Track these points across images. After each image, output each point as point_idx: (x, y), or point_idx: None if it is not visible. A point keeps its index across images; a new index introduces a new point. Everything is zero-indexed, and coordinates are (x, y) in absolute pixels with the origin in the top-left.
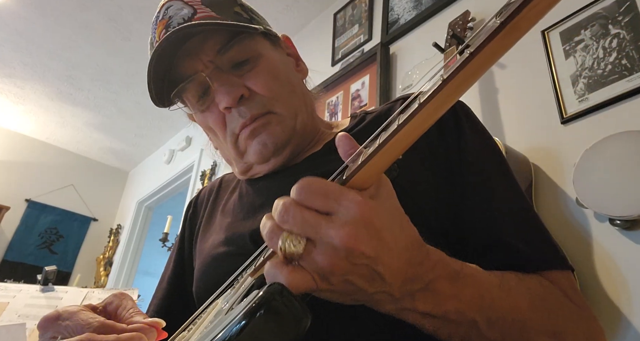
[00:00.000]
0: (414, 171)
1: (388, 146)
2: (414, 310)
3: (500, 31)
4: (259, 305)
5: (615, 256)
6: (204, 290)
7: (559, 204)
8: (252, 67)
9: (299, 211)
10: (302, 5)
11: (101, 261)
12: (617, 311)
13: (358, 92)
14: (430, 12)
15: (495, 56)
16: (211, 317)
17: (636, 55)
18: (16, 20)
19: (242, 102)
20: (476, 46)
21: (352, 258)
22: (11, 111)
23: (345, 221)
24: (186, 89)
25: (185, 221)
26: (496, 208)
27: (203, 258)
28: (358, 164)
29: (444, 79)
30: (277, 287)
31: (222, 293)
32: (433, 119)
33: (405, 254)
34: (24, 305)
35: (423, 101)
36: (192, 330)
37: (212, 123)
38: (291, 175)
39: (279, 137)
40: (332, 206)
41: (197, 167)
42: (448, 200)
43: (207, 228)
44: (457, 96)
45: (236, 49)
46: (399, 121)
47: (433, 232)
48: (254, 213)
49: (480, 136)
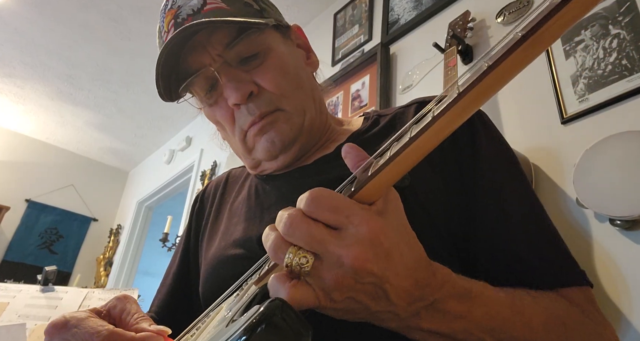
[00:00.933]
0: (426, 179)
1: (399, 158)
2: (418, 328)
3: (522, 44)
4: (259, 321)
5: (615, 257)
6: (210, 292)
7: (559, 205)
8: (261, 62)
9: (307, 226)
10: (302, 5)
11: (101, 261)
12: (617, 311)
13: (358, 92)
14: (430, 12)
15: (515, 70)
16: (215, 323)
17: (636, 55)
18: (16, 20)
19: (251, 99)
20: (495, 59)
21: (359, 277)
22: (11, 111)
23: (356, 239)
24: (194, 83)
25: (191, 216)
26: (510, 221)
27: (210, 260)
28: (368, 175)
29: (460, 93)
30: (278, 303)
31: (227, 297)
32: (446, 132)
33: (413, 275)
34: (24, 305)
35: (437, 114)
36: (196, 334)
37: (221, 118)
38: (301, 177)
39: (286, 135)
40: (341, 222)
41: (197, 168)
42: (459, 209)
43: (215, 226)
44: (472, 110)
45: (245, 43)
46: (412, 133)
47: (444, 241)
48: (261, 215)
49: (496, 143)
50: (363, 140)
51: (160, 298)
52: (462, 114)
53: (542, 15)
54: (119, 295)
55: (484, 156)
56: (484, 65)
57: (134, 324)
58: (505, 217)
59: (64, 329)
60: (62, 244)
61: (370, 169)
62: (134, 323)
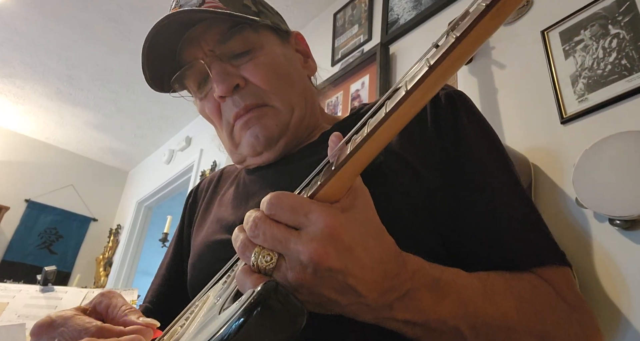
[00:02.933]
0: (405, 158)
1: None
2: (392, 318)
3: (487, 14)
4: (256, 303)
5: (615, 256)
6: (198, 279)
7: (558, 204)
8: (251, 59)
9: (269, 227)
10: (302, 5)
11: (101, 261)
12: (617, 311)
13: (358, 92)
14: (430, 12)
15: (481, 39)
16: (204, 311)
17: (636, 55)
18: (16, 20)
19: (237, 91)
20: (462, 30)
21: (320, 272)
22: (11, 111)
23: (313, 236)
24: (186, 76)
25: (185, 209)
26: (492, 203)
27: (197, 246)
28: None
29: (430, 66)
30: (273, 284)
31: (214, 284)
32: (419, 106)
33: (380, 267)
34: (23, 305)
35: (410, 87)
36: (185, 325)
37: (209, 111)
38: (286, 164)
39: (271, 131)
40: (300, 221)
41: (197, 168)
42: (440, 189)
43: (204, 217)
44: (442, 83)
45: (237, 39)
46: (386, 108)
47: (422, 217)
48: (246, 201)
49: (479, 126)
50: (345, 125)
51: (155, 289)
52: (432, 86)
53: None
54: (104, 291)
55: (467, 139)
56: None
57: (122, 316)
58: (490, 200)
59: (50, 328)
60: (61, 244)
61: (350, 146)
62: (122, 315)
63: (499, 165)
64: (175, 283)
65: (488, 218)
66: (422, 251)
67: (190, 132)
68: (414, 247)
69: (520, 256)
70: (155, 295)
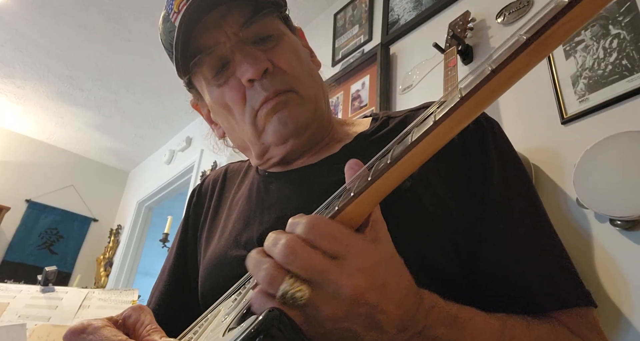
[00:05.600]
0: (431, 184)
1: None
2: None
3: (526, 48)
4: (257, 331)
5: (615, 257)
6: (210, 294)
7: (559, 205)
8: (276, 44)
9: (307, 254)
10: (302, 6)
11: (101, 261)
12: (617, 311)
13: (358, 92)
14: (430, 12)
15: (519, 74)
16: (212, 327)
17: (636, 55)
18: (16, 20)
19: (266, 75)
20: (499, 62)
21: (356, 307)
22: (11, 111)
23: (356, 269)
24: (204, 61)
25: (188, 210)
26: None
27: (209, 259)
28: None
29: (462, 97)
30: (276, 313)
31: (225, 299)
32: (447, 138)
33: (405, 302)
34: (24, 306)
35: (439, 118)
36: (193, 339)
37: (230, 98)
38: (304, 177)
39: (299, 118)
40: (340, 251)
41: (197, 168)
42: (464, 220)
43: (214, 222)
44: (474, 115)
45: (261, 24)
46: (413, 137)
47: (444, 247)
48: (261, 213)
49: (508, 159)
50: (370, 142)
51: (158, 295)
52: (463, 119)
53: (548, 18)
54: (135, 305)
55: (494, 170)
56: (488, 68)
57: (145, 336)
58: (510, 233)
59: (80, 335)
60: (62, 244)
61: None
62: (145, 335)
63: (526, 199)
64: (178, 289)
65: (510, 254)
66: (446, 285)
67: (190, 132)
68: (437, 280)
69: (543, 298)
70: (158, 302)
